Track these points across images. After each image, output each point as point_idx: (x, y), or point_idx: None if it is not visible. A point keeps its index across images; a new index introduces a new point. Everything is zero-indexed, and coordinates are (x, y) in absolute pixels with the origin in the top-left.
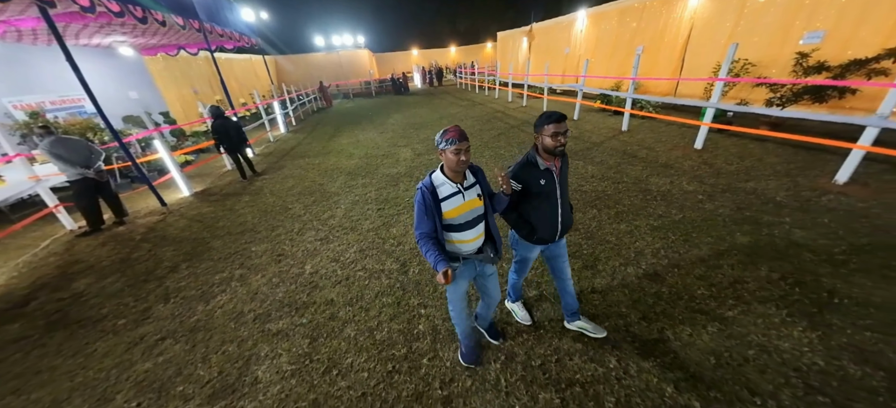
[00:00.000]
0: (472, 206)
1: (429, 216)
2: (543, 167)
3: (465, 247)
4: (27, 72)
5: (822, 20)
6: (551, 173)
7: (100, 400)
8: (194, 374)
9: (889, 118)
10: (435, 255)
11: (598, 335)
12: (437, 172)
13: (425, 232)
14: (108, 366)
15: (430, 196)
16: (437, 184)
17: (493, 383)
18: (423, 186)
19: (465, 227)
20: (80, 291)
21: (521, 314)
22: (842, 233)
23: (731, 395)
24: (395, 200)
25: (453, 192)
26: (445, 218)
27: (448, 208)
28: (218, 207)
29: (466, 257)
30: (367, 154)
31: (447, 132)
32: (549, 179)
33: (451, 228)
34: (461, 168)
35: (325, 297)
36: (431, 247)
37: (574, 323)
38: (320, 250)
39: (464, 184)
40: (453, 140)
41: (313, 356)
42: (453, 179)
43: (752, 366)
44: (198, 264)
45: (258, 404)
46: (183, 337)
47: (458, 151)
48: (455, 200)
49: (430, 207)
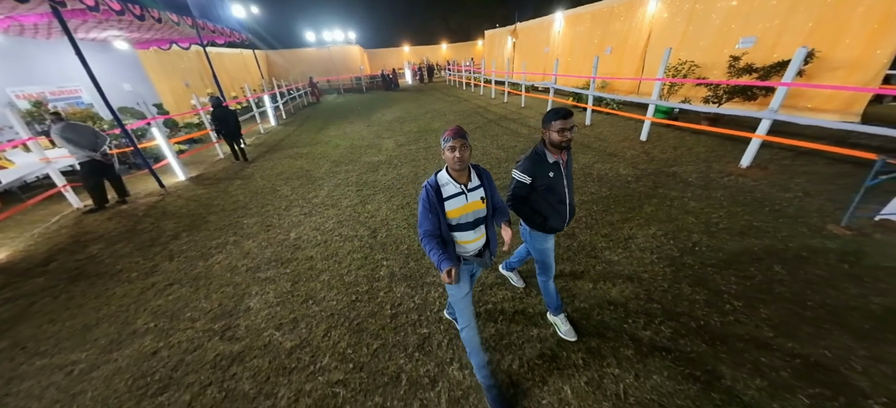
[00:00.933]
0: (474, 207)
1: (432, 214)
2: (552, 160)
3: (464, 248)
4: (28, 64)
5: (753, 27)
6: (559, 166)
7: (123, 323)
8: (199, 306)
9: (779, 111)
10: (438, 254)
11: (519, 284)
12: (442, 172)
13: (428, 230)
14: (127, 303)
15: (433, 194)
16: (442, 183)
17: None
18: (427, 184)
19: (465, 227)
20: (94, 254)
21: (565, 329)
22: (726, 204)
23: (593, 300)
24: (373, 184)
25: (456, 192)
26: (448, 217)
27: (450, 208)
28: (212, 189)
29: (466, 259)
30: (353, 145)
31: (446, 131)
32: (557, 172)
33: (453, 228)
34: (458, 165)
35: (306, 254)
36: (435, 246)
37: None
38: (304, 222)
39: (468, 185)
40: (448, 138)
41: (294, 293)
42: (456, 178)
43: (618, 289)
44: (196, 234)
45: (250, 321)
46: (187, 283)
47: (453, 147)
48: (458, 200)
49: (434, 204)
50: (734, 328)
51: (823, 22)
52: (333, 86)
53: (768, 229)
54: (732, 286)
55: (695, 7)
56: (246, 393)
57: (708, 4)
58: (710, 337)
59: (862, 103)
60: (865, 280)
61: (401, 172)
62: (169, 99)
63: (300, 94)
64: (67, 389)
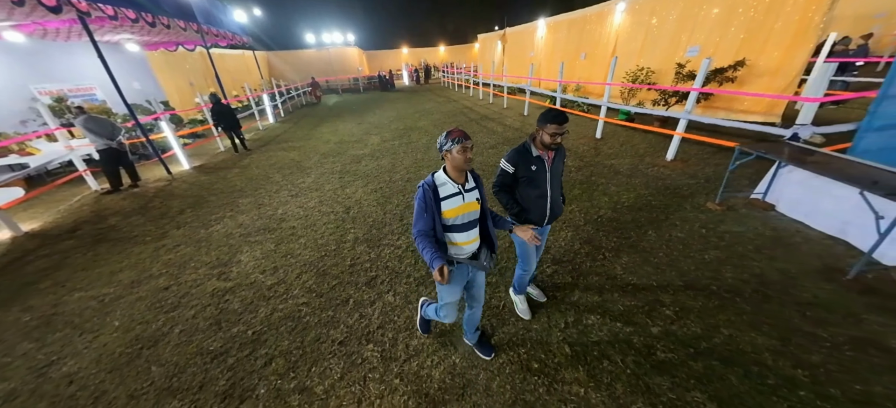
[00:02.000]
0: (469, 208)
1: (427, 213)
2: (535, 155)
3: (461, 249)
4: (49, 64)
5: (697, 38)
6: (543, 162)
7: (141, 270)
8: (201, 259)
9: (693, 113)
10: (431, 252)
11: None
12: (439, 172)
13: (422, 230)
14: (144, 258)
15: (430, 194)
16: (439, 183)
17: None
18: (424, 184)
19: (462, 228)
20: (114, 224)
21: (522, 308)
22: (638, 188)
23: (502, 252)
24: (354, 172)
25: (454, 192)
26: (444, 217)
27: (447, 208)
28: (212, 176)
29: (461, 261)
30: (342, 141)
31: (451, 133)
32: (540, 167)
33: (448, 229)
34: (467, 166)
35: (289, 225)
36: (428, 244)
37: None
38: (290, 202)
39: (465, 186)
40: (459, 139)
41: (276, 251)
42: (456, 179)
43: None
44: (199, 210)
45: (241, 269)
46: (191, 245)
47: (465, 148)
48: (455, 200)
49: (430, 204)
50: (597, 269)
51: (751, 34)
52: (332, 86)
53: (660, 206)
54: (611, 244)
55: (651, 20)
56: (235, 310)
57: (662, 17)
58: (577, 274)
59: (781, 106)
60: (711, 240)
61: (381, 163)
62: (174, 97)
63: (299, 93)
64: (101, 310)
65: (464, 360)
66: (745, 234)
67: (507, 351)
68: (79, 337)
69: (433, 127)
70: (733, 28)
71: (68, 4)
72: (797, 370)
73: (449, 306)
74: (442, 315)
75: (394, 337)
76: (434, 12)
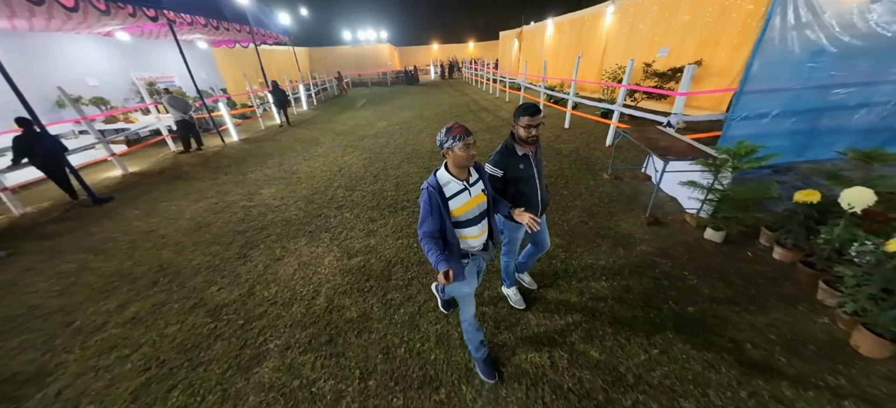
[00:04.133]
0: (478, 201)
1: (434, 215)
2: (521, 153)
3: (472, 243)
4: (143, 58)
5: (668, 41)
6: (528, 158)
7: (201, 194)
8: (237, 191)
9: (622, 105)
10: (436, 254)
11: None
12: (441, 171)
13: (428, 231)
14: (203, 188)
15: (437, 195)
16: (443, 182)
17: None
18: (429, 186)
19: (472, 222)
20: (186, 171)
21: (516, 299)
22: (565, 165)
23: None
24: (355, 146)
25: (460, 189)
26: (454, 215)
27: (456, 206)
28: (253, 145)
29: (474, 255)
30: (356, 124)
31: (451, 130)
32: (527, 164)
33: (458, 225)
34: (469, 162)
35: (297, 176)
36: (433, 246)
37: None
38: (303, 163)
39: (469, 180)
40: (461, 136)
41: (285, 189)
42: (458, 175)
43: None
44: (240, 165)
45: (261, 197)
46: (232, 184)
47: (467, 145)
48: (462, 196)
49: (437, 205)
50: None
51: (706, 39)
52: (363, 80)
53: (571, 175)
54: None
55: (635, 22)
56: (253, 215)
57: (642, 20)
58: None
59: (726, 101)
60: (588, 196)
61: (378, 141)
62: (231, 85)
63: (331, 85)
64: (178, 209)
65: (374, 235)
66: (611, 193)
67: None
68: (167, 222)
69: (435, 117)
70: (693, 34)
71: (163, 15)
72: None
73: (465, 299)
74: (461, 309)
75: (344, 233)
76: (465, 8)
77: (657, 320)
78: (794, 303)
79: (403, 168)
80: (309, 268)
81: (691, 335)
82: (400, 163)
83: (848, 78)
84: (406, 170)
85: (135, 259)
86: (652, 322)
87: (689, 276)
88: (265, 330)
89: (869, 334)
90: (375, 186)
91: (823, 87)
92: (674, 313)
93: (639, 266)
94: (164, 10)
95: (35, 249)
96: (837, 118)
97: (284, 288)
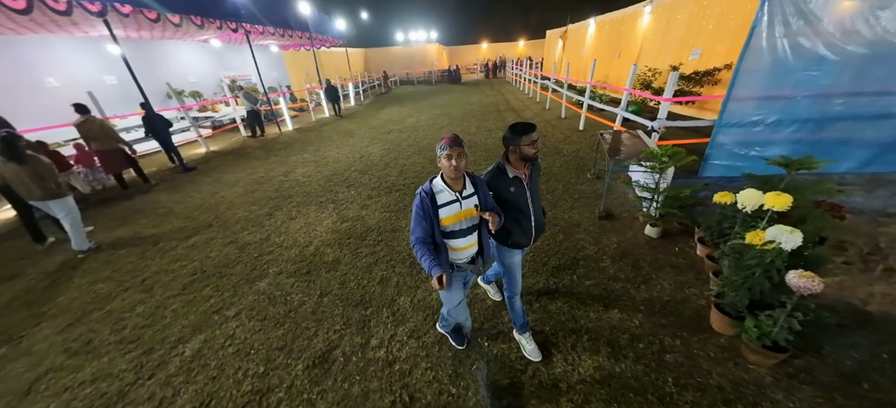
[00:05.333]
0: (467, 215)
1: (426, 221)
2: (512, 175)
3: (459, 255)
4: (228, 59)
5: (701, 42)
6: (521, 181)
7: (255, 169)
8: (278, 169)
9: (626, 111)
10: (429, 260)
11: (496, 298)
12: (437, 179)
13: (420, 237)
14: (257, 166)
15: (428, 201)
16: (437, 190)
17: None
18: (422, 191)
19: (458, 234)
20: (247, 152)
21: (530, 348)
22: (560, 167)
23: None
24: (381, 139)
25: (451, 199)
26: (442, 224)
27: (444, 215)
28: (302, 134)
29: (459, 266)
30: (389, 119)
31: (442, 139)
32: (518, 187)
33: (446, 235)
34: (455, 174)
35: (327, 160)
36: (426, 252)
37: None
38: (334, 150)
39: (462, 193)
40: (444, 146)
41: (314, 169)
42: (452, 185)
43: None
44: (288, 149)
45: (295, 174)
46: (277, 165)
47: (450, 156)
48: (452, 207)
49: (428, 211)
50: None
51: (735, 42)
52: (410, 78)
53: (557, 174)
54: None
55: (669, 23)
56: (286, 185)
57: (675, 21)
58: None
59: None
60: (559, 192)
61: (402, 135)
62: (295, 83)
63: (378, 83)
64: (240, 176)
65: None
66: (584, 190)
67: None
68: (227, 187)
69: (460, 115)
70: (724, 37)
71: (241, 27)
72: None
73: (455, 309)
74: (452, 317)
75: (345, 204)
76: (518, 5)
77: (555, 286)
78: (684, 287)
79: (412, 159)
80: (311, 226)
81: (574, 299)
82: (411, 154)
83: (856, 87)
84: (414, 160)
85: (201, 209)
86: (549, 288)
87: (606, 259)
88: (270, 262)
89: (719, 313)
90: (384, 172)
91: (825, 96)
92: (572, 282)
93: (567, 249)
94: (242, 23)
95: (144, 193)
96: (847, 130)
97: (289, 238)
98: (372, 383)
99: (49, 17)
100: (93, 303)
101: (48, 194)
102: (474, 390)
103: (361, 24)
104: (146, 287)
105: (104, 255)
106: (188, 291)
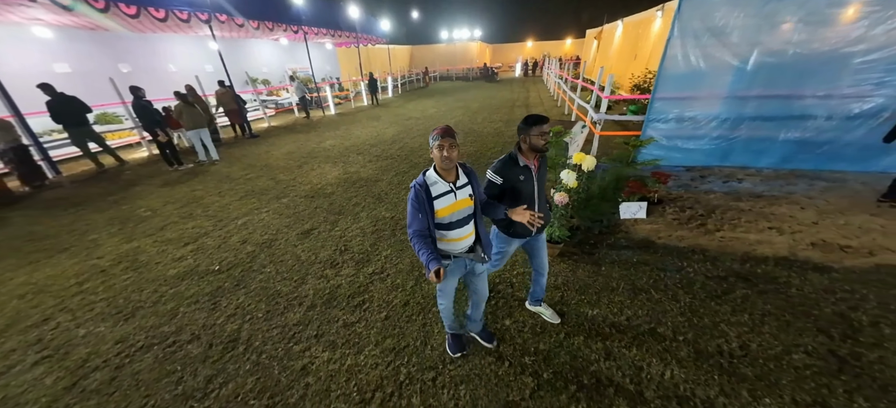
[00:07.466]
0: (462, 205)
1: (421, 213)
2: (523, 164)
3: (455, 245)
4: (291, 55)
5: None
6: (530, 171)
7: (300, 141)
8: (314, 140)
9: (606, 114)
10: (427, 254)
11: (554, 321)
12: (430, 171)
13: (417, 230)
14: (299, 138)
15: (422, 193)
16: (430, 182)
17: None
18: (416, 184)
19: (454, 225)
20: (296, 128)
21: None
22: None
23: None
24: (399, 124)
25: (445, 191)
26: (437, 216)
27: (440, 207)
28: (340, 118)
29: (457, 256)
30: (414, 108)
31: (434, 130)
32: (527, 176)
33: (441, 227)
34: (446, 165)
35: (351, 136)
36: (423, 246)
37: (536, 307)
38: (359, 130)
39: (456, 183)
40: (436, 137)
41: (340, 142)
42: (444, 176)
43: (392, 145)
44: (325, 129)
45: (325, 145)
46: (314, 137)
47: (441, 146)
48: (447, 198)
49: (423, 203)
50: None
51: None
52: (450, 74)
53: None
54: None
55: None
56: (315, 152)
57: None
58: None
59: None
60: None
61: (418, 122)
62: (344, 75)
63: (418, 78)
64: (285, 145)
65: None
66: None
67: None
68: (276, 150)
69: (477, 108)
70: None
71: (301, 30)
72: None
73: (445, 300)
74: (442, 310)
75: (351, 164)
76: (569, 4)
77: None
78: None
79: (416, 141)
80: (323, 175)
81: None
82: (415, 136)
83: (767, 91)
84: (416, 141)
85: (259, 163)
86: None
87: None
88: (291, 189)
89: (548, 243)
90: (389, 147)
91: (740, 98)
92: None
93: None
94: (302, 25)
95: (226, 151)
96: (765, 129)
97: (307, 181)
98: (328, 245)
99: (175, 22)
100: (192, 195)
101: (205, 123)
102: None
103: (411, 22)
104: (221, 193)
105: (202, 174)
106: (242, 200)
